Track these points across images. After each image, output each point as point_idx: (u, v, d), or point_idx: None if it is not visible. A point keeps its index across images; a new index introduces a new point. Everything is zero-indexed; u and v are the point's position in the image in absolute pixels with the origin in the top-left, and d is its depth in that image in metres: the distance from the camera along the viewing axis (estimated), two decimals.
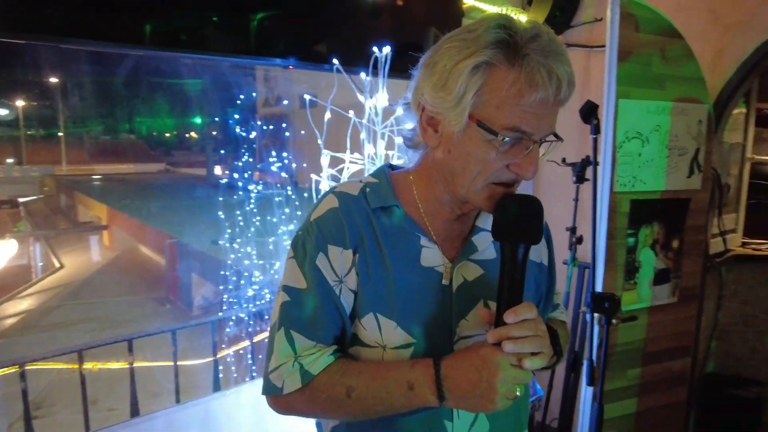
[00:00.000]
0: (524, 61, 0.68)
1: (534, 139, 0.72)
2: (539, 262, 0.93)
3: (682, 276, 2.19)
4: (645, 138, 1.99)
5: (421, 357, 0.79)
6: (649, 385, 2.21)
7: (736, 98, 2.23)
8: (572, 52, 2.63)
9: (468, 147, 0.75)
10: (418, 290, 0.81)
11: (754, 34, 2.11)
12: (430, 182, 0.84)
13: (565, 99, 0.73)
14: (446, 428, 0.82)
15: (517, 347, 0.71)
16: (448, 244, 0.85)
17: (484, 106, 0.71)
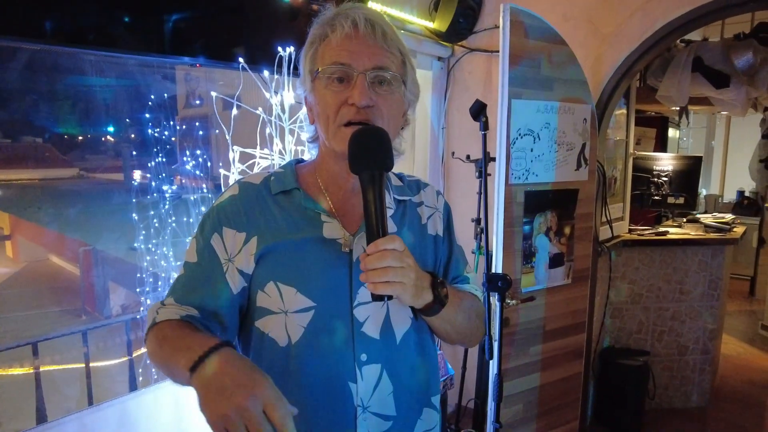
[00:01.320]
0: (333, 20, 0.87)
1: (355, 70, 0.85)
2: (434, 234, 1.02)
3: (574, 259, 2.43)
4: (536, 135, 2.19)
5: (322, 319, 0.87)
6: (550, 360, 2.43)
7: (614, 99, 2.50)
8: (476, 56, 2.84)
9: (317, 101, 0.89)
10: (319, 260, 0.89)
11: (625, 43, 2.39)
12: (323, 159, 0.96)
13: (380, 37, 0.86)
14: (350, 390, 0.88)
15: (370, 277, 0.78)
16: (349, 219, 0.93)
17: (316, 63, 0.88)
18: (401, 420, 0.92)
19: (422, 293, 0.87)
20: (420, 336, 0.96)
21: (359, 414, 0.88)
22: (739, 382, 3.70)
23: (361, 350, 0.88)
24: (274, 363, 0.87)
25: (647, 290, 3.15)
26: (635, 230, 3.20)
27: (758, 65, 2.82)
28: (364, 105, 0.84)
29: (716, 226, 3.26)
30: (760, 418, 3.22)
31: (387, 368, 0.90)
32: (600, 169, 2.56)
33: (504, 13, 2.04)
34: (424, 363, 0.96)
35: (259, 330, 0.90)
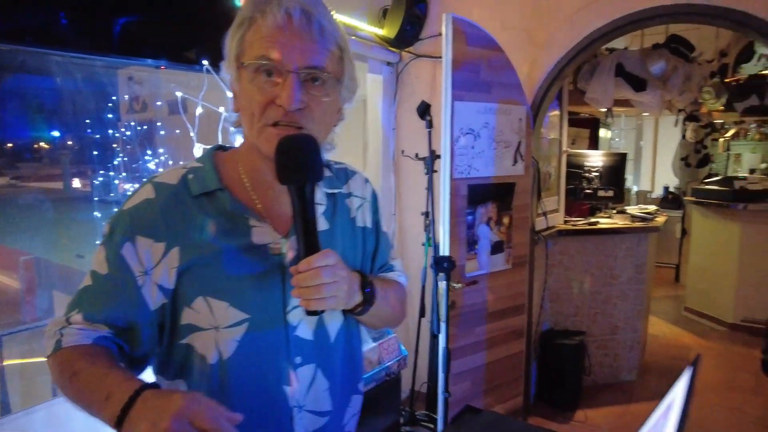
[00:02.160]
0: (263, 6, 0.77)
1: (286, 68, 0.76)
2: (363, 226, 0.99)
3: (513, 246, 2.66)
4: (477, 133, 2.41)
5: (256, 331, 0.83)
6: (494, 339, 2.65)
7: (546, 101, 2.76)
8: (423, 62, 3.04)
9: (242, 94, 0.81)
10: (250, 269, 0.83)
11: (556, 50, 2.66)
12: (248, 152, 0.86)
13: (317, 31, 0.77)
14: (285, 394, 0.86)
15: (303, 294, 0.76)
16: (279, 220, 0.86)
17: (243, 51, 0.79)
18: (335, 413, 0.93)
19: (353, 297, 0.85)
20: (350, 330, 0.97)
21: (295, 414, 0.87)
22: (664, 357, 4.09)
23: (295, 354, 0.86)
24: (203, 379, 0.83)
25: (582, 276, 3.44)
26: (570, 221, 3.49)
27: (670, 72, 3.17)
28: (293, 108, 0.77)
29: (641, 216, 3.60)
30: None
31: (321, 367, 0.90)
32: (535, 164, 2.81)
33: (446, 22, 2.24)
34: (353, 354, 0.98)
35: (185, 348, 0.83)
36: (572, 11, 2.60)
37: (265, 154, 0.79)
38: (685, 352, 4.22)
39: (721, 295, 4.69)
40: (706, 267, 4.86)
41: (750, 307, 4.42)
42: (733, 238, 4.52)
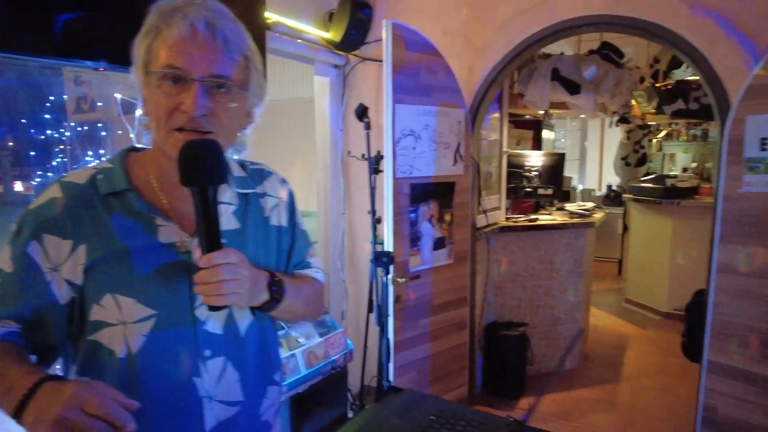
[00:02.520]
0: (170, 17, 0.81)
1: (190, 76, 0.80)
2: (278, 225, 1.03)
3: (455, 242, 2.79)
4: (417, 135, 2.52)
5: (163, 325, 0.86)
6: (438, 331, 2.77)
7: (485, 104, 2.90)
8: (368, 65, 3.13)
9: (149, 98, 0.84)
10: (157, 266, 0.86)
11: (491, 56, 2.80)
12: (157, 155, 0.89)
13: (221, 42, 0.81)
14: (195, 385, 0.89)
15: (204, 290, 0.80)
16: (187, 220, 0.89)
17: (150, 59, 0.83)
18: (248, 403, 0.96)
19: (258, 296, 0.89)
20: (262, 324, 0.99)
21: (205, 404, 0.90)
22: (604, 346, 4.32)
23: (204, 347, 0.89)
24: (112, 374, 0.86)
25: (524, 270, 3.62)
26: (511, 218, 3.66)
27: (601, 76, 3.39)
28: (197, 114, 0.80)
29: (578, 213, 3.82)
30: (618, 372, 3.81)
31: (231, 359, 0.93)
32: (474, 164, 2.95)
33: (386, 28, 2.35)
34: (266, 347, 1.00)
35: (95, 343, 0.86)
36: (506, 19, 2.76)
37: (171, 157, 0.82)
38: (624, 340, 4.47)
39: (657, 287, 5.00)
40: (643, 260, 5.16)
41: (681, 296, 4.71)
42: (665, 233, 4.82)
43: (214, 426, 0.92)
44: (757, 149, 2.16)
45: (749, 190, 2.19)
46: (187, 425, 0.90)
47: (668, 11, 2.37)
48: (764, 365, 2.18)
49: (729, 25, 2.28)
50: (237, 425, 0.95)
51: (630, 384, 3.64)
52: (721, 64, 2.30)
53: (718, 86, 2.34)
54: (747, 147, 2.18)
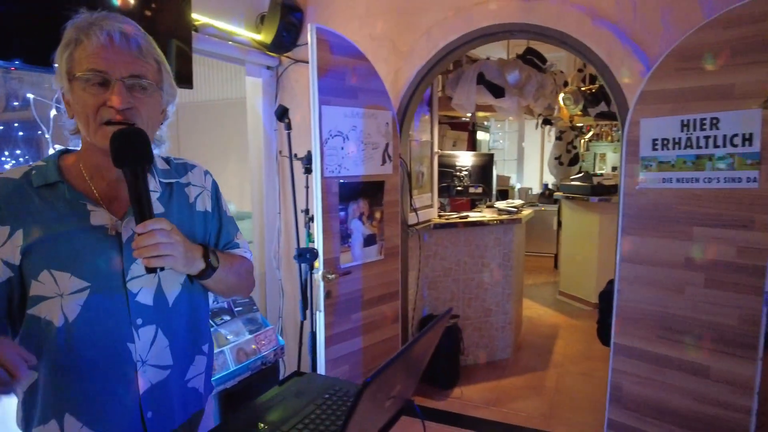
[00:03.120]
0: (87, 29, 0.95)
1: (113, 77, 0.94)
2: (204, 210, 1.17)
3: (385, 239, 2.90)
4: (345, 135, 2.61)
5: (97, 296, 0.97)
6: (370, 325, 2.86)
7: (411, 106, 3.03)
8: (301, 66, 3.20)
9: (77, 101, 0.96)
10: (90, 245, 0.98)
11: (416, 61, 2.93)
12: (86, 152, 1.03)
13: (135, 48, 0.96)
14: (129, 350, 1.01)
15: (142, 253, 0.92)
16: (116, 205, 1.03)
17: (74, 67, 0.95)
18: (177, 368, 1.09)
19: (194, 263, 1.03)
20: (191, 296, 1.12)
21: (139, 368, 1.02)
22: (536, 336, 4.56)
23: (136, 316, 1.01)
24: (50, 342, 0.96)
25: (456, 264, 3.78)
26: (444, 215, 3.81)
27: (524, 80, 3.59)
28: (122, 108, 0.94)
29: (507, 210, 4.02)
30: (547, 360, 4.04)
31: (161, 327, 1.05)
32: (403, 164, 3.07)
33: (311, 32, 2.42)
34: (195, 318, 1.14)
35: (33, 316, 0.96)
36: (429, 25, 2.89)
37: (101, 148, 0.96)
38: (555, 330, 4.73)
39: (586, 279, 5.30)
40: (575, 254, 5.47)
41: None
42: (593, 228, 5.13)
43: (147, 389, 1.03)
44: (649, 149, 2.38)
45: (645, 186, 2.41)
46: (124, 387, 1.01)
47: (574, 22, 2.57)
48: (659, 345, 2.40)
49: (625, 37, 2.49)
50: (167, 389, 1.07)
51: (556, 370, 3.86)
52: (619, 72, 2.51)
53: (618, 92, 2.55)
54: (642, 147, 2.40)
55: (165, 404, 1.07)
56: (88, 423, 0.99)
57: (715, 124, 2.22)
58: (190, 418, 1.16)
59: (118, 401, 1.01)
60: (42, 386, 0.99)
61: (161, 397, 1.06)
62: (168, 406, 1.08)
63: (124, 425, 1.02)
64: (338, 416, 1.07)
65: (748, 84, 2.12)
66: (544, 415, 3.20)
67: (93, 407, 0.99)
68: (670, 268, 2.36)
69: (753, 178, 2.14)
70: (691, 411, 2.32)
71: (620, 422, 2.55)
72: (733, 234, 2.19)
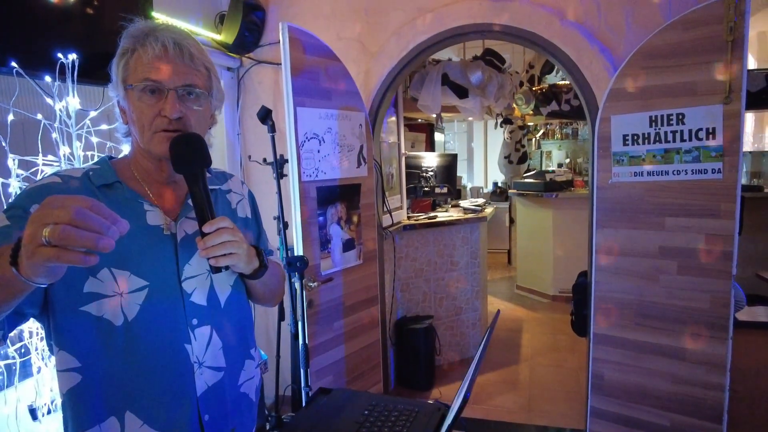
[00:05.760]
0: (143, 39, 0.97)
1: (168, 87, 0.97)
2: (245, 216, 1.21)
3: (363, 243, 2.84)
4: (321, 138, 2.53)
5: (155, 295, 0.98)
6: (352, 332, 2.79)
7: (383, 107, 2.99)
8: (264, 67, 3.07)
9: (132, 110, 0.99)
10: (147, 244, 1.00)
11: (386, 61, 2.90)
12: (137, 157, 1.06)
13: (187, 58, 0.98)
14: (187, 351, 1.02)
15: (210, 252, 0.93)
16: (169, 207, 1.06)
17: (129, 76, 0.98)
18: (229, 370, 1.09)
19: (252, 261, 1.06)
20: (240, 298, 1.14)
21: (196, 370, 1.02)
22: (501, 330, 4.65)
23: (192, 316, 1.03)
24: (110, 341, 0.96)
25: (426, 265, 3.78)
26: (412, 216, 3.80)
27: (486, 81, 3.65)
28: (175, 117, 0.97)
29: (472, 209, 4.07)
30: (517, 354, 4.12)
31: (215, 328, 1.06)
32: (377, 166, 3.02)
33: (282, 31, 2.32)
34: (243, 321, 1.15)
35: (88, 314, 0.95)
36: (398, 26, 2.86)
37: (158, 155, 1.00)
38: (519, 324, 4.85)
39: (543, 273, 5.48)
40: (530, 249, 5.63)
41: (564, 280, 5.23)
42: (546, 223, 5.31)
43: (204, 391, 1.04)
44: (620, 144, 2.48)
45: (617, 180, 2.50)
46: (182, 389, 1.01)
47: (543, 22, 2.63)
48: (636, 331, 2.50)
49: (592, 37, 2.58)
50: (222, 392, 1.07)
51: (528, 364, 3.95)
52: (588, 71, 2.60)
53: (587, 89, 2.64)
54: (613, 143, 2.49)
55: (220, 408, 1.08)
56: (149, 421, 0.99)
57: (681, 120, 2.33)
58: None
59: (177, 402, 1.01)
60: (98, 385, 0.97)
61: (217, 400, 1.07)
62: (223, 410, 1.08)
63: (183, 426, 1.02)
64: (389, 430, 1.01)
65: (709, 81, 2.25)
66: (524, 409, 3.25)
67: (154, 406, 0.99)
68: (644, 258, 2.46)
69: (717, 170, 2.28)
70: (670, 393, 2.43)
71: (603, 409, 2.63)
72: (702, 222, 2.32)
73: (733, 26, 2.17)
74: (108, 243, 0.68)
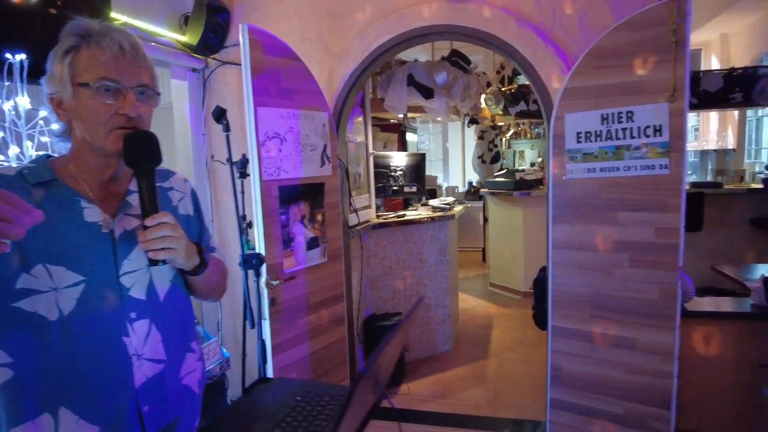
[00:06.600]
0: (96, 38, 1.00)
1: (126, 86, 1.00)
2: (186, 214, 1.23)
3: (328, 241, 2.87)
4: (282, 137, 2.56)
5: (92, 290, 1.00)
6: (317, 329, 2.82)
7: (347, 107, 3.03)
8: (230, 68, 3.09)
9: (83, 107, 1.01)
10: (84, 241, 1.01)
11: (350, 62, 2.94)
12: (80, 154, 1.06)
13: (142, 59, 1.04)
14: (125, 344, 1.03)
15: (149, 245, 0.98)
16: (108, 203, 1.07)
17: (79, 74, 1.00)
18: (170, 362, 1.12)
19: (192, 257, 1.09)
20: (179, 293, 1.17)
21: (135, 362, 1.04)
22: (474, 327, 4.72)
23: (130, 310, 1.05)
24: (44, 336, 0.97)
25: (396, 263, 3.83)
26: (382, 215, 3.85)
27: (451, 81, 3.71)
28: (134, 115, 1.01)
29: (441, 207, 4.13)
30: (486, 349, 4.19)
31: (154, 321, 1.09)
32: (342, 165, 3.06)
33: (243, 32, 2.35)
34: (182, 315, 1.18)
35: (21, 310, 0.96)
36: (361, 27, 2.91)
37: (112, 152, 1.02)
38: (490, 320, 4.92)
39: (514, 270, 5.57)
40: (502, 247, 5.72)
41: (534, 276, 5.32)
42: (517, 221, 5.41)
43: (142, 383, 1.06)
44: (574, 142, 2.55)
45: (572, 177, 2.57)
46: (119, 381, 1.03)
47: (500, 24, 2.70)
48: (592, 324, 2.58)
49: (547, 38, 2.66)
50: (162, 383, 1.09)
51: (496, 359, 4.03)
52: (543, 71, 2.67)
53: (543, 89, 2.71)
54: (567, 140, 2.57)
55: (161, 399, 1.09)
56: (84, 416, 1.00)
57: (631, 117, 2.42)
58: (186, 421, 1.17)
59: (115, 395, 1.03)
60: (31, 380, 0.98)
61: (157, 392, 1.08)
62: (164, 401, 1.10)
63: (121, 418, 1.03)
64: (315, 417, 1.05)
65: (656, 80, 2.33)
66: (489, 402, 3.32)
67: (89, 400, 1.00)
68: (598, 252, 2.54)
69: (665, 165, 2.37)
70: (624, 382, 2.51)
71: (561, 400, 2.71)
72: (651, 216, 2.40)
73: (676, 28, 2.26)
74: (17, 231, 0.72)
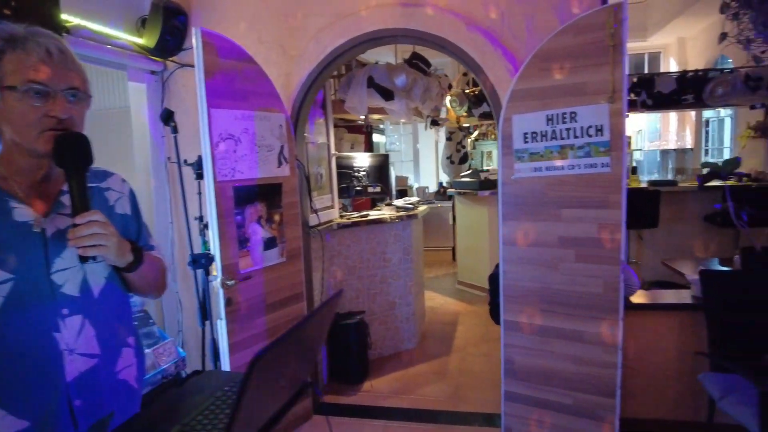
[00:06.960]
0: (22, 43, 1.02)
1: (55, 89, 1.03)
2: (123, 213, 1.26)
3: (287, 241, 2.91)
4: (237, 138, 2.59)
5: (21, 288, 1.02)
6: (276, 329, 2.85)
7: (304, 109, 3.08)
8: (188, 71, 3.11)
9: (10, 110, 1.03)
10: (12, 240, 1.03)
11: (306, 64, 2.99)
12: (10, 155, 1.08)
13: (70, 62, 1.06)
14: (56, 339, 1.05)
15: (79, 242, 1.00)
16: (40, 203, 1.10)
17: (6, 77, 1.02)
18: (105, 357, 1.14)
19: (125, 254, 1.12)
20: (115, 289, 1.20)
21: (66, 357, 1.07)
22: (439, 324, 4.80)
23: (62, 306, 1.07)
24: None
25: (359, 262, 3.88)
26: (345, 215, 3.90)
27: (411, 84, 3.79)
28: (65, 117, 1.03)
29: (404, 207, 4.20)
30: (450, 345, 4.27)
31: (88, 317, 1.11)
32: (300, 166, 3.11)
33: (196, 36, 2.38)
34: (119, 311, 1.21)
35: None
36: (316, 30, 2.96)
37: (43, 153, 1.04)
38: (455, 318, 5.01)
39: (481, 267, 5.68)
40: (469, 245, 5.83)
41: None
42: (483, 220, 5.51)
43: (75, 377, 1.08)
44: (521, 142, 2.64)
45: (519, 176, 2.67)
46: (49, 376, 1.05)
47: (451, 28, 2.78)
48: (541, 317, 2.67)
49: (496, 41, 2.75)
50: (96, 378, 1.11)
51: (459, 354, 4.11)
52: (492, 73, 2.76)
53: (492, 91, 2.80)
54: (515, 140, 2.66)
55: (94, 393, 1.11)
56: (12, 411, 1.01)
57: (574, 118, 2.52)
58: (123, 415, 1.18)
59: (45, 389, 1.04)
60: None
61: (90, 386, 1.10)
62: (97, 395, 1.12)
63: (51, 412, 1.05)
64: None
65: (597, 82, 2.44)
66: (449, 397, 3.39)
67: (17, 395, 1.02)
68: (545, 248, 2.64)
69: (606, 164, 2.47)
70: (572, 373, 2.61)
71: (515, 392, 2.80)
72: (594, 213, 2.51)
73: (613, 32, 2.37)
74: None
